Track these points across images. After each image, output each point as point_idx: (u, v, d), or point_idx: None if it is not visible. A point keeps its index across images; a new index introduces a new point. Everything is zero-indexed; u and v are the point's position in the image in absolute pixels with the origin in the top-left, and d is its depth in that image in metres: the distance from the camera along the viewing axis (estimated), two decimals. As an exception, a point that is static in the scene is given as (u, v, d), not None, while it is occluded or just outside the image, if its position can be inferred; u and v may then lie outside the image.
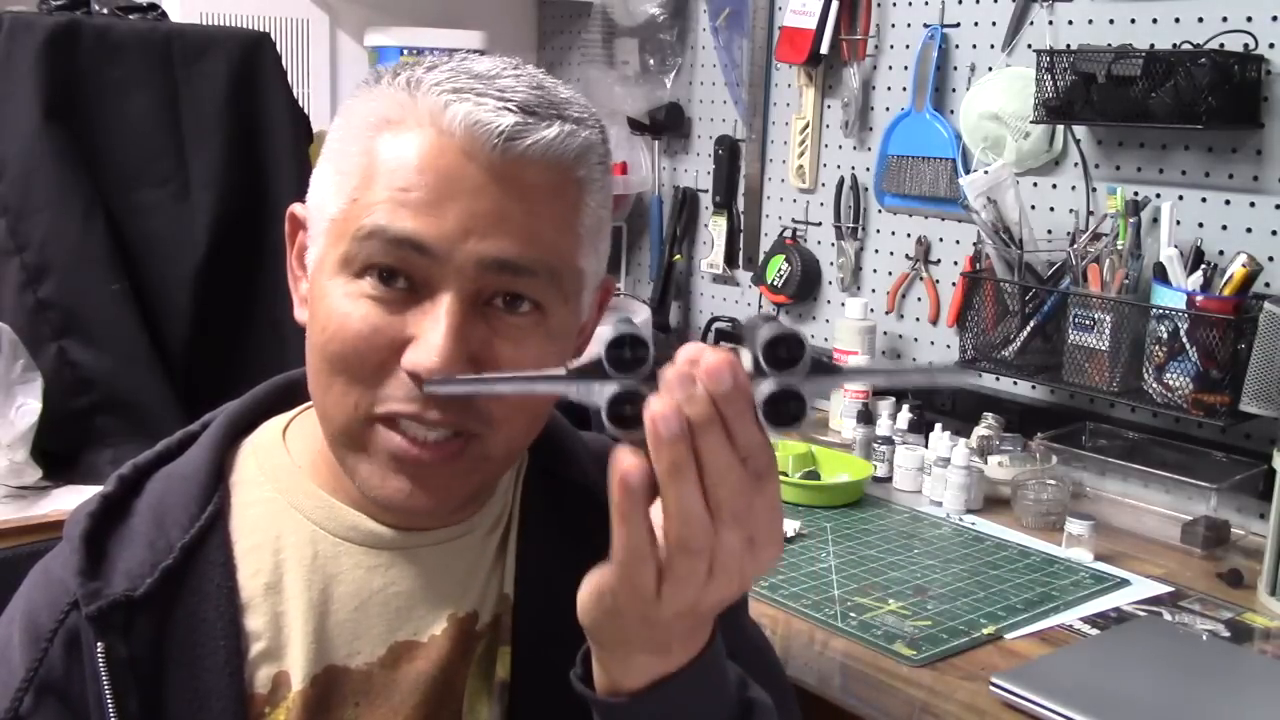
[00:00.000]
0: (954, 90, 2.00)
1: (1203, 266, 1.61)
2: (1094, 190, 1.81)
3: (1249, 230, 1.65)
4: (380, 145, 0.75)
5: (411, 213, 0.72)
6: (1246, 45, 1.61)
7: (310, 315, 0.78)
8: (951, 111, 2.01)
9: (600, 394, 0.59)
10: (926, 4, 2.03)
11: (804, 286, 2.25)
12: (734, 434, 0.59)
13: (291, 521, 0.82)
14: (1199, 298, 1.58)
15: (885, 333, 2.13)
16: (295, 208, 0.83)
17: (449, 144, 0.73)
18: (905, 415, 1.92)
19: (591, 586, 0.66)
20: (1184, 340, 1.59)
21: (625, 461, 0.60)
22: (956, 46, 1.99)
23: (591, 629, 0.68)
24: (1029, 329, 1.80)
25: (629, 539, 0.61)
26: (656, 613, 0.63)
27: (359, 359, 0.74)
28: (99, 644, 0.76)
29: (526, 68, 0.78)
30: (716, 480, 0.59)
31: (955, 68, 2.00)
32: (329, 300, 0.75)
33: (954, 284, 2.00)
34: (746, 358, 0.60)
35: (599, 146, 0.78)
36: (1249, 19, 1.61)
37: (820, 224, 2.25)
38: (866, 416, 1.92)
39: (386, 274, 0.73)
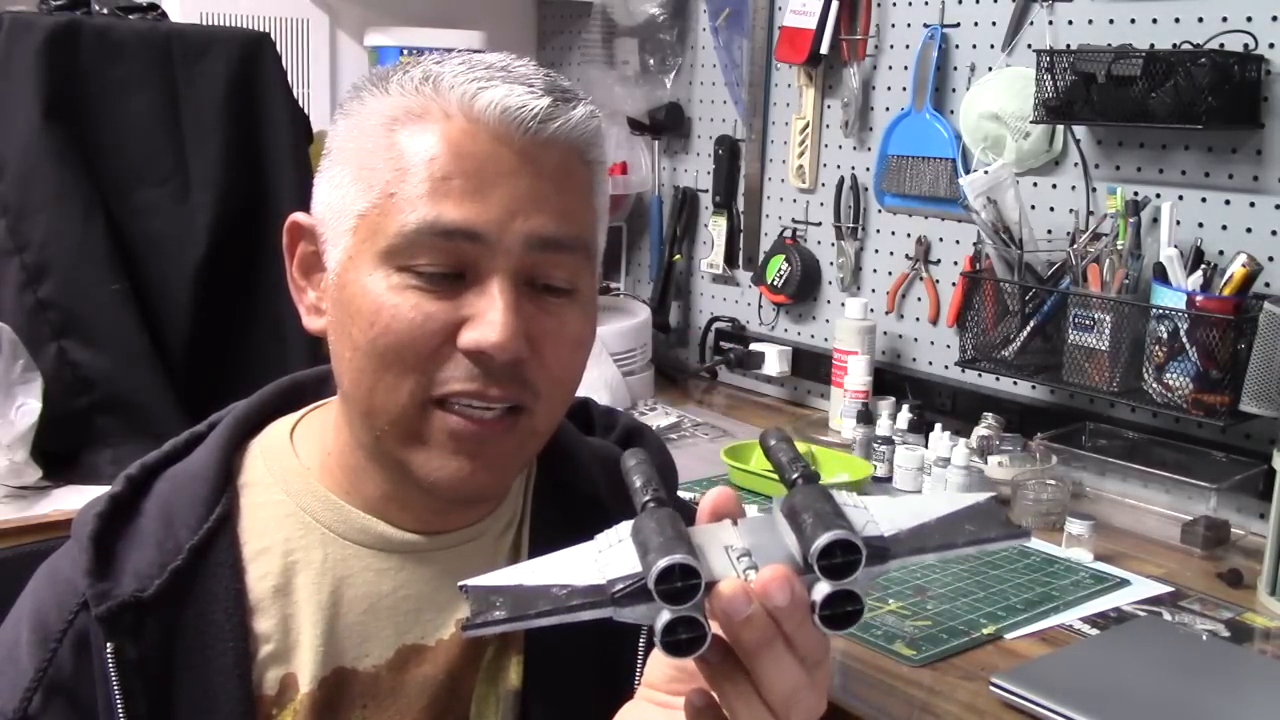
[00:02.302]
0: (954, 90, 2.00)
1: (1203, 266, 1.61)
2: (1094, 190, 1.81)
3: (1249, 230, 1.64)
4: (407, 138, 0.75)
5: (456, 202, 0.74)
6: (1246, 45, 1.61)
7: (346, 314, 0.77)
8: (951, 111, 2.01)
9: (652, 617, 0.56)
10: (926, 4, 2.03)
11: (804, 286, 2.25)
12: (794, 644, 0.58)
13: (301, 524, 0.82)
14: (1199, 298, 1.58)
15: (885, 333, 2.13)
16: (298, 217, 0.83)
17: (481, 130, 0.75)
18: (905, 415, 1.92)
19: None
20: (1184, 340, 1.59)
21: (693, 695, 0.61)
22: (956, 46, 1.99)
23: None
24: (1029, 329, 1.80)
25: None
26: None
27: (414, 347, 0.75)
28: (108, 645, 0.76)
29: (526, 59, 0.80)
30: (781, 689, 0.58)
31: (955, 68, 2.00)
32: (371, 296, 0.75)
33: (954, 284, 2.00)
34: (790, 537, 0.57)
35: (603, 130, 0.81)
36: (1249, 19, 1.61)
37: (820, 224, 2.25)
38: (866, 416, 1.92)
39: (434, 263, 0.75)
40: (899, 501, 0.61)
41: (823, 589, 0.56)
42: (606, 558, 0.58)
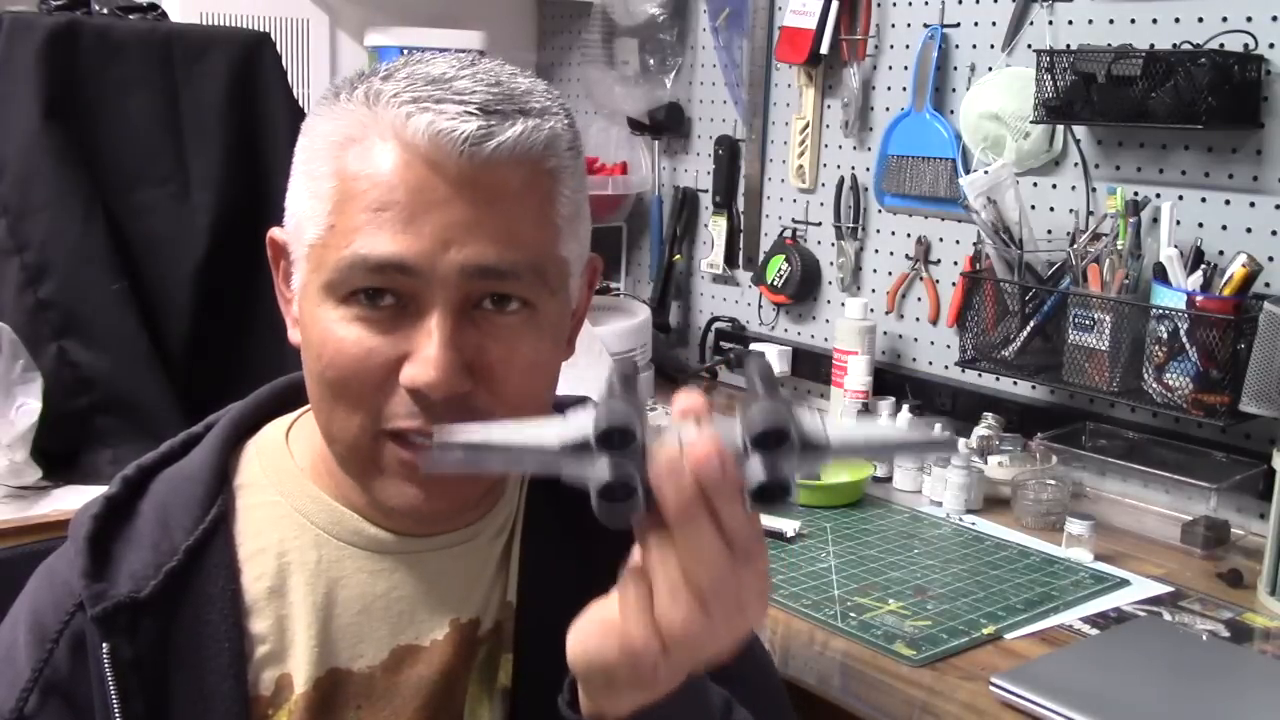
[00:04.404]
0: (954, 90, 2.00)
1: (1203, 266, 1.61)
2: (1094, 190, 1.81)
3: (1249, 230, 1.64)
4: (348, 165, 0.74)
5: (389, 234, 0.72)
6: (1246, 45, 1.61)
7: (305, 341, 0.78)
8: (951, 111, 2.01)
9: (591, 476, 0.59)
10: (926, 4, 2.03)
11: (804, 286, 2.25)
12: (721, 520, 0.59)
13: (295, 525, 0.83)
14: (1199, 298, 1.58)
15: (885, 333, 2.13)
16: (274, 233, 0.83)
17: (414, 157, 0.72)
18: (905, 415, 1.92)
19: (588, 651, 0.66)
20: (1184, 340, 1.59)
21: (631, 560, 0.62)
22: (956, 46, 1.99)
23: (583, 679, 0.69)
24: (1029, 329, 1.80)
25: (641, 639, 0.62)
26: (652, 680, 0.65)
27: (358, 382, 0.74)
28: (104, 645, 0.76)
29: (482, 63, 0.77)
30: (702, 566, 0.60)
31: (955, 68, 2.00)
32: (320, 327, 0.75)
33: (954, 284, 2.00)
34: (736, 428, 0.60)
35: (565, 133, 0.77)
36: (1249, 19, 1.61)
37: (820, 224, 2.25)
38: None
39: (373, 294, 0.74)
40: (861, 423, 0.64)
41: (754, 467, 0.58)
42: (569, 426, 0.61)
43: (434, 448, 0.60)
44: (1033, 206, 1.87)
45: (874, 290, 2.16)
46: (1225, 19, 1.63)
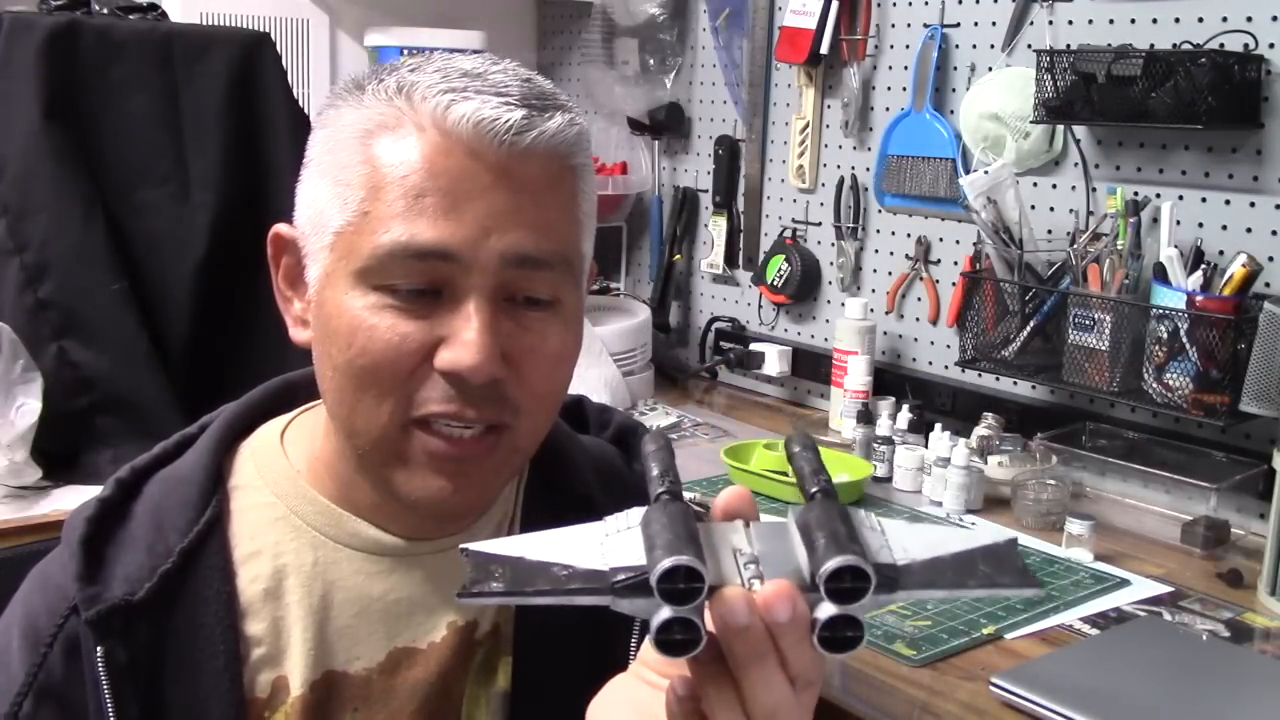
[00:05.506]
0: (954, 90, 2.00)
1: (1203, 266, 1.61)
2: (1094, 190, 1.81)
3: (1249, 230, 1.64)
4: (381, 152, 0.74)
5: (430, 221, 0.72)
6: (1246, 45, 1.61)
7: (324, 333, 0.77)
8: (951, 111, 2.01)
9: (649, 614, 0.54)
10: (926, 4, 2.03)
11: (804, 286, 2.25)
12: (788, 662, 0.57)
13: (291, 528, 0.82)
14: (1199, 298, 1.58)
15: (885, 333, 2.13)
16: (281, 228, 0.82)
17: (455, 144, 0.73)
18: (905, 415, 1.92)
19: None
20: (1184, 340, 1.59)
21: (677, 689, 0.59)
22: (956, 46, 1.99)
23: None
24: (1029, 329, 1.80)
25: None
26: None
27: (391, 368, 0.74)
28: (98, 649, 0.76)
29: (504, 62, 0.78)
30: (765, 708, 0.57)
31: (955, 68, 2.00)
32: (349, 315, 0.75)
33: (954, 284, 2.00)
34: (796, 550, 0.56)
35: (587, 133, 0.80)
36: (1249, 19, 1.61)
37: (820, 224, 2.25)
38: (866, 416, 1.92)
39: (409, 283, 0.74)
40: (916, 529, 0.59)
41: (826, 610, 0.54)
42: (613, 543, 0.56)
43: (468, 563, 0.55)
44: (1033, 206, 1.87)
45: (874, 290, 2.16)
46: (1225, 19, 1.63)
